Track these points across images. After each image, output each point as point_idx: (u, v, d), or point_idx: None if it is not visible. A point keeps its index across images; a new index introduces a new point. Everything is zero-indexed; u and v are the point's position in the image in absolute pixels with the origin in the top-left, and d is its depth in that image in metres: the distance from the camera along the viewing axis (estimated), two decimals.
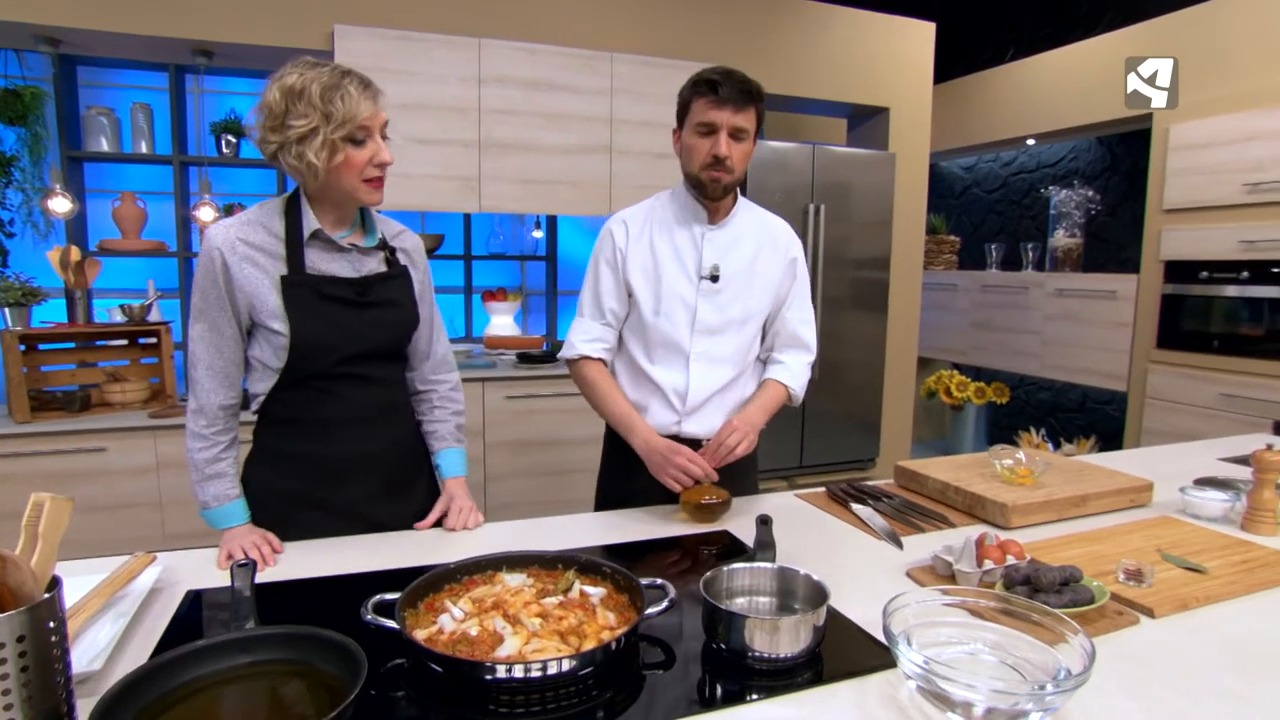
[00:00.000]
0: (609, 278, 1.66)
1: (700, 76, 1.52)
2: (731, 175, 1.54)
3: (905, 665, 0.85)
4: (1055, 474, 1.65)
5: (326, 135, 1.23)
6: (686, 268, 1.63)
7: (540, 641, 0.92)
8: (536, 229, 4.35)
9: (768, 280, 1.67)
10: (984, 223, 5.74)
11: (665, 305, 1.62)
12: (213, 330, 1.32)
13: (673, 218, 1.65)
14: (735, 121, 1.50)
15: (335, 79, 1.24)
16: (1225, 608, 1.12)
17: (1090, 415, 5.03)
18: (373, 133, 1.28)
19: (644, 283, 1.63)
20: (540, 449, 3.52)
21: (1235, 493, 1.54)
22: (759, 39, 4.06)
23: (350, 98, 1.23)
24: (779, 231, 1.71)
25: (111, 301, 3.38)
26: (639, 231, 1.65)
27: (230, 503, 1.36)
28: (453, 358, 1.64)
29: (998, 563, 1.15)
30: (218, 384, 1.35)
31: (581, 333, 1.68)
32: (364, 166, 1.28)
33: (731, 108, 1.48)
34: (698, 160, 1.54)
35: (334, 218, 1.37)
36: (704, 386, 1.64)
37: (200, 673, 0.84)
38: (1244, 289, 3.59)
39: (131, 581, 1.08)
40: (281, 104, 1.23)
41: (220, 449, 1.37)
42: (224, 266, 1.29)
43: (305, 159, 1.24)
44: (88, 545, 2.88)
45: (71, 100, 3.52)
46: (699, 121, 1.51)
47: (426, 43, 3.33)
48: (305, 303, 1.31)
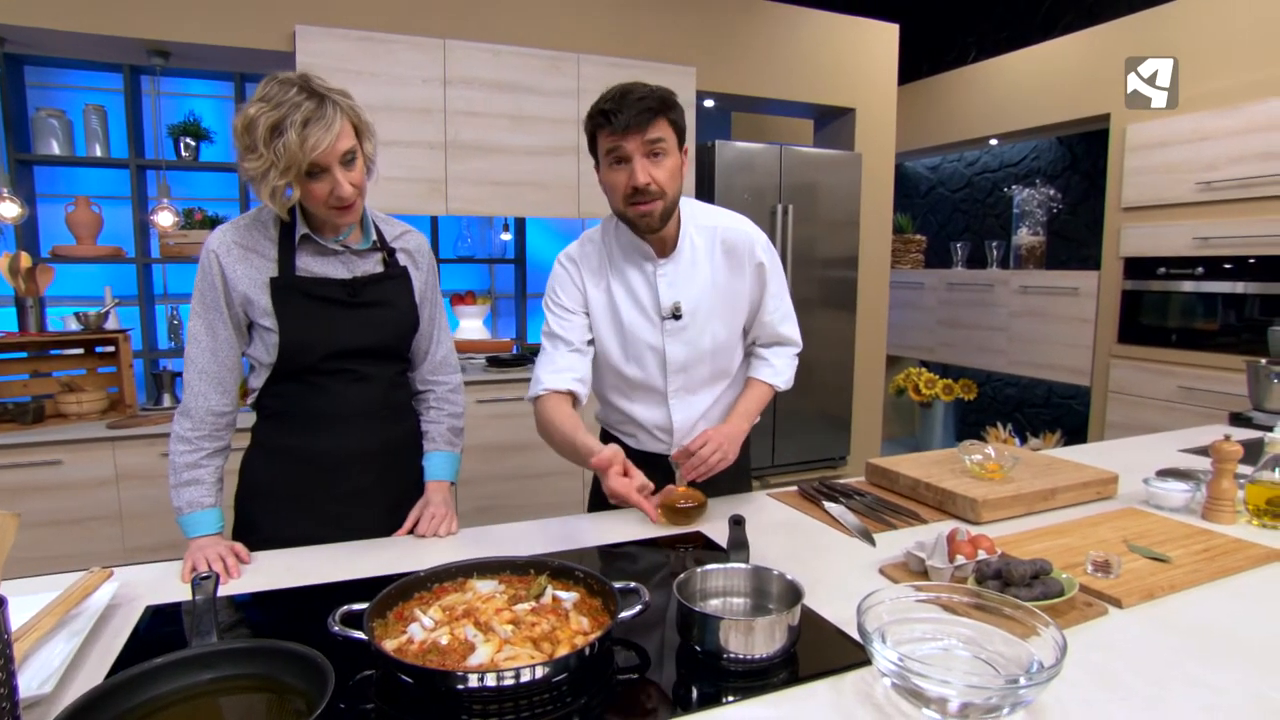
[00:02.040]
0: (570, 304, 1.55)
1: (596, 107, 1.38)
2: (662, 201, 1.40)
3: (880, 663, 0.85)
4: (1024, 469, 1.67)
5: (274, 182, 1.22)
6: (645, 309, 1.53)
7: (513, 649, 0.90)
8: (505, 231, 4.32)
9: (734, 299, 1.57)
10: (949, 222, 5.82)
11: (632, 350, 1.55)
12: (209, 332, 1.35)
13: (621, 255, 1.54)
14: (647, 137, 1.36)
15: (280, 116, 1.19)
16: (1189, 595, 1.13)
17: (1056, 410, 5.13)
18: (330, 166, 1.24)
19: (607, 329, 1.55)
20: (513, 453, 3.49)
21: (1195, 483, 1.57)
22: (725, 40, 4.08)
23: (292, 138, 1.18)
24: (736, 241, 1.55)
25: (67, 309, 3.28)
26: (592, 273, 1.55)
27: (202, 510, 1.34)
28: (455, 359, 1.63)
29: (969, 558, 1.16)
30: (209, 387, 1.35)
31: (549, 366, 1.51)
32: (325, 197, 1.27)
33: (636, 131, 1.34)
34: (619, 195, 1.41)
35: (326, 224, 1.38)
36: (689, 416, 1.60)
37: (158, 692, 0.81)
38: (1199, 284, 3.69)
39: (86, 598, 1.04)
40: (240, 137, 1.23)
41: (202, 455, 1.36)
42: (220, 268, 1.32)
43: (263, 194, 1.25)
44: (43, 562, 2.79)
45: (19, 101, 3.41)
46: (607, 151, 1.39)
47: (390, 43, 3.28)
48: (293, 303, 1.34)
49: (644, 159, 1.37)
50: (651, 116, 1.35)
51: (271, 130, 1.19)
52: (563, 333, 1.53)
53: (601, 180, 1.46)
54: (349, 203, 1.29)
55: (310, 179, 1.25)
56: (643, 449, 1.64)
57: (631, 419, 1.63)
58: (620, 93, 1.35)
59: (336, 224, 1.34)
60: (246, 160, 1.23)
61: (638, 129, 1.34)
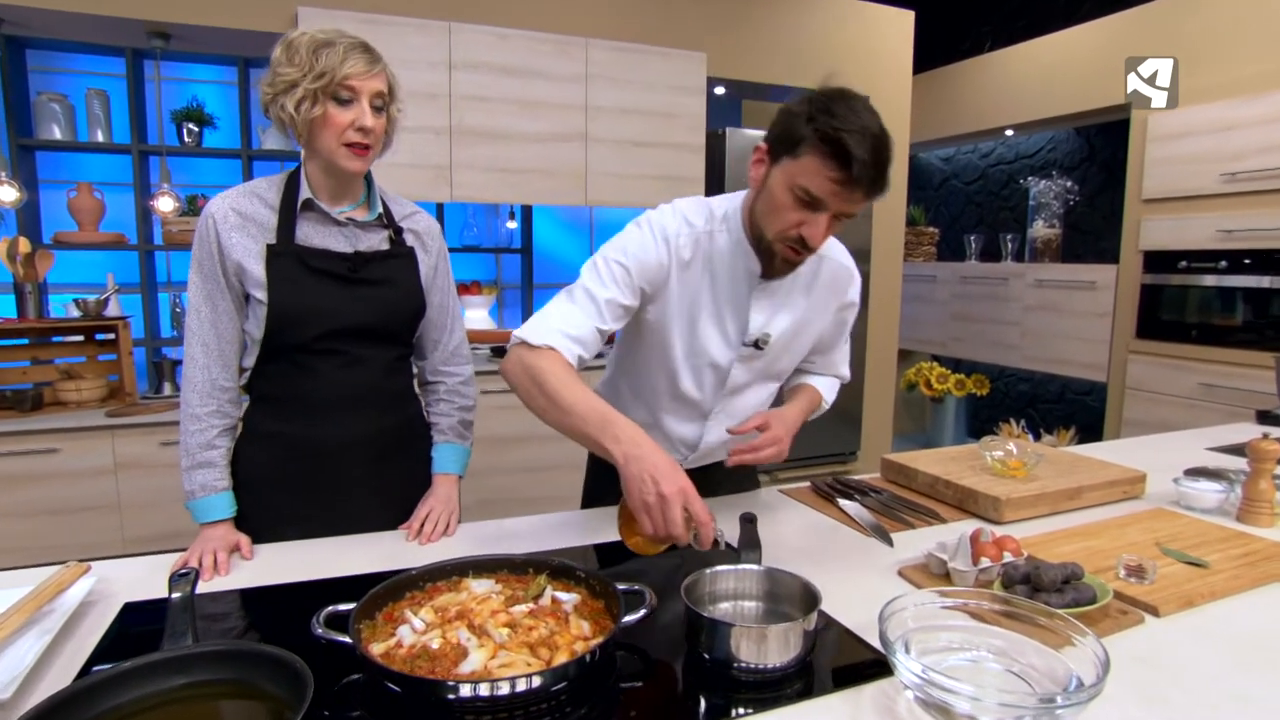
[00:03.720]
0: (635, 278, 1.25)
1: (834, 127, 1.07)
2: (806, 258, 1.24)
3: (903, 674, 0.78)
4: (1047, 466, 1.60)
5: (306, 87, 1.20)
6: (726, 329, 1.33)
7: (508, 655, 0.84)
8: (511, 220, 4.25)
9: (812, 334, 1.43)
10: (963, 214, 5.72)
11: (693, 363, 1.35)
12: (209, 303, 1.29)
13: (718, 260, 1.30)
14: (848, 208, 1.14)
15: (331, 37, 1.22)
16: (1231, 604, 1.06)
17: (1069, 406, 5.04)
18: (359, 96, 1.23)
19: (677, 332, 1.32)
20: (517, 445, 3.43)
21: (1229, 483, 1.49)
22: (736, 25, 3.99)
23: (336, 53, 1.20)
24: (838, 276, 1.39)
25: (68, 296, 3.24)
26: (682, 266, 1.29)
27: (215, 494, 1.28)
28: (468, 350, 1.56)
29: (994, 560, 1.09)
30: (212, 360, 1.30)
31: (563, 323, 1.22)
32: (344, 129, 1.23)
33: (860, 193, 1.12)
34: (777, 226, 1.18)
35: (332, 189, 1.32)
36: (718, 437, 1.46)
37: (127, 698, 0.75)
38: (1222, 278, 3.59)
39: (60, 595, 0.99)
40: (277, 57, 1.23)
41: (214, 434, 1.30)
42: (216, 235, 1.27)
43: (286, 110, 1.22)
44: (40, 552, 2.76)
45: (21, 85, 3.37)
46: (803, 186, 1.12)
47: (395, 26, 3.21)
48: (289, 273, 1.28)
49: (832, 218, 1.16)
50: (880, 189, 1.13)
51: (318, 44, 1.21)
52: (604, 306, 1.23)
53: (764, 182, 1.20)
54: (368, 142, 1.26)
55: (337, 103, 1.22)
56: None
57: (656, 427, 1.45)
58: (868, 135, 1.08)
59: (345, 167, 1.26)
60: (279, 70, 1.21)
61: (863, 192, 1.12)
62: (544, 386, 1.14)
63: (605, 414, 1.09)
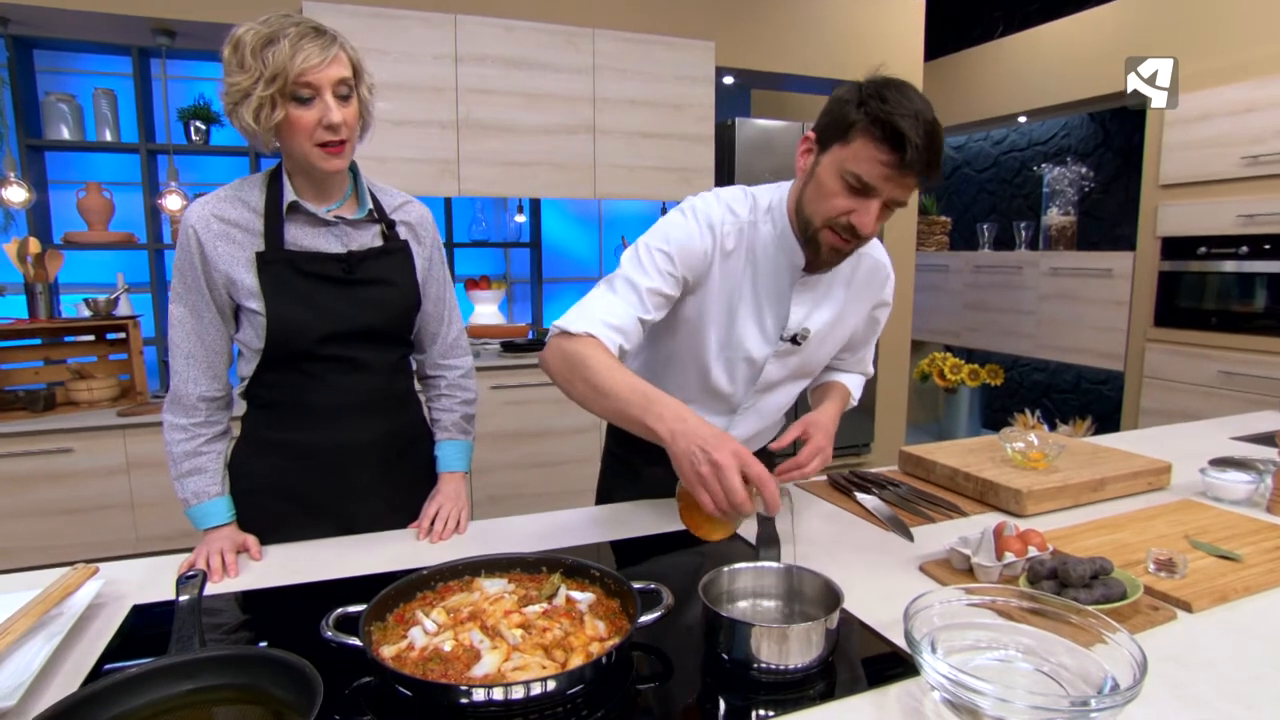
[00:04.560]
0: (678, 265, 1.21)
1: (887, 111, 1.06)
2: (855, 248, 1.21)
3: (930, 675, 0.76)
4: (1068, 457, 1.56)
5: (260, 94, 1.10)
6: (764, 323, 1.30)
7: (522, 657, 0.82)
8: (519, 214, 4.23)
9: (847, 330, 1.41)
10: (975, 202, 5.66)
11: (727, 355, 1.32)
12: (193, 315, 1.23)
13: (760, 251, 1.26)
14: (899, 194, 1.12)
15: (275, 29, 1.11)
16: (1268, 598, 1.03)
17: (1085, 396, 4.98)
18: (321, 91, 1.13)
19: (713, 322, 1.29)
20: (527, 440, 3.42)
21: (1258, 474, 1.45)
22: (745, 14, 3.94)
23: (283, 49, 1.09)
24: (875, 273, 1.38)
25: (79, 296, 3.24)
26: (725, 255, 1.25)
27: (209, 500, 1.25)
28: (466, 342, 1.51)
29: (1019, 555, 1.06)
30: (199, 373, 1.25)
31: (605, 311, 1.17)
32: (312, 129, 1.14)
33: (912, 178, 1.10)
34: (825, 214, 1.15)
35: (316, 189, 1.25)
36: (747, 431, 1.44)
37: (133, 704, 0.73)
38: (1243, 264, 3.53)
39: (68, 597, 0.97)
40: (226, 59, 1.13)
41: (201, 441, 1.27)
42: (199, 245, 1.19)
43: (245, 121, 1.13)
44: (54, 551, 2.77)
45: (29, 86, 3.37)
46: (854, 172, 1.10)
47: (401, 19, 3.19)
48: (283, 280, 1.21)
49: (882, 207, 1.13)
50: (931, 173, 1.11)
51: (263, 42, 1.10)
52: (645, 295, 1.19)
53: (812, 171, 1.17)
54: (340, 139, 1.16)
55: (298, 103, 1.13)
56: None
57: None
58: (921, 119, 1.06)
59: (323, 169, 1.18)
60: (231, 77, 1.12)
61: (915, 176, 1.10)
62: (584, 372, 1.09)
63: (647, 393, 1.04)
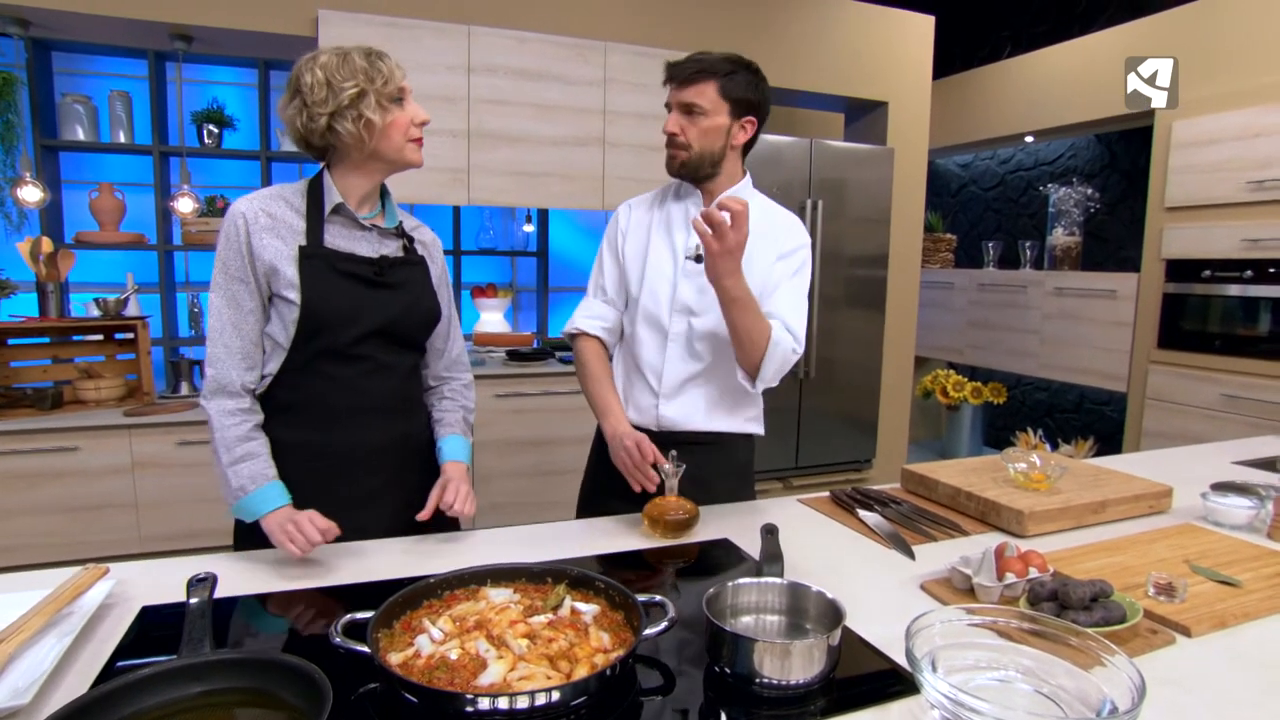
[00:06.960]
0: (609, 259, 1.67)
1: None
2: (686, 153, 1.52)
3: (930, 693, 0.77)
4: (1070, 479, 1.57)
5: (376, 94, 1.27)
6: (674, 245, 1.60)
7: (527, 666, 0.83)
8: (528, 223, 4.26)
9: (755, 270, 1.52)
10: (980, 220, 5.67)
11: (649, 281, 1.60)
12: (232, 305, 1.29)
13: (673, 195, 1.65)
14: (682, 97, 1.50)
15: (367, 48, 1.31)
16: (1266, 624, 1.04)
17: (1087, 416, 4.98)
18: (406, 95, 1.33)
19: (635, 261, 1.64)
20: (530, 449, 3.43)
21: (1259, 499, 1.46)
22: (756, 30, 3.98)
23: (388, 61, 1.31)
24: (780, 225, 1.63)
25: (89, 295, 3.27)
26: (641, 215, 1.66)
27: (268, 484, 1.26)
28: (467, 358, 1.61)
29: (1020, 575, 1.07)
30: (237, 361, 1.29)
31: (583, 309, 1.68)
32: (408, 126, 1.32)
33: (676, 84, 1.50)
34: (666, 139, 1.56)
35: (360, 196, 1.36)
36: (680, 370, 1.58)
37: (143, 705, 0.75)
38: (1247, 288, 3.54)
39: (79, 597, 0.98)
40: (325, 76, 1.26)
41: (250, 425, 1.29)
42: (246, 234, 1.28)
43: (364, 117, 1.27)
44: (58, 549, 2.78)
45: (46, 87, 3.41)
46: (665, 102, 1.55)
47: (414, 29, 3.22)
48: (321, 275, 1.30)
49: (679, 112, 1.51)
50: (699, 76, 1.48)
51: (369, 54, 1.29)
52: (600, 280, 1.68)
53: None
54: (422, 133, 1.37)
55: (398, 105, 1.31)
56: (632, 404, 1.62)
57: (634, 361, 1.62)
58: (698, 53, 1.52)
59: (416, 161, 1.36)
60: (340, 85, 1.25)
61: (679, 81, 1.50)
62: (579, 374, 1.65)
63: (605, 404, 1.57)
